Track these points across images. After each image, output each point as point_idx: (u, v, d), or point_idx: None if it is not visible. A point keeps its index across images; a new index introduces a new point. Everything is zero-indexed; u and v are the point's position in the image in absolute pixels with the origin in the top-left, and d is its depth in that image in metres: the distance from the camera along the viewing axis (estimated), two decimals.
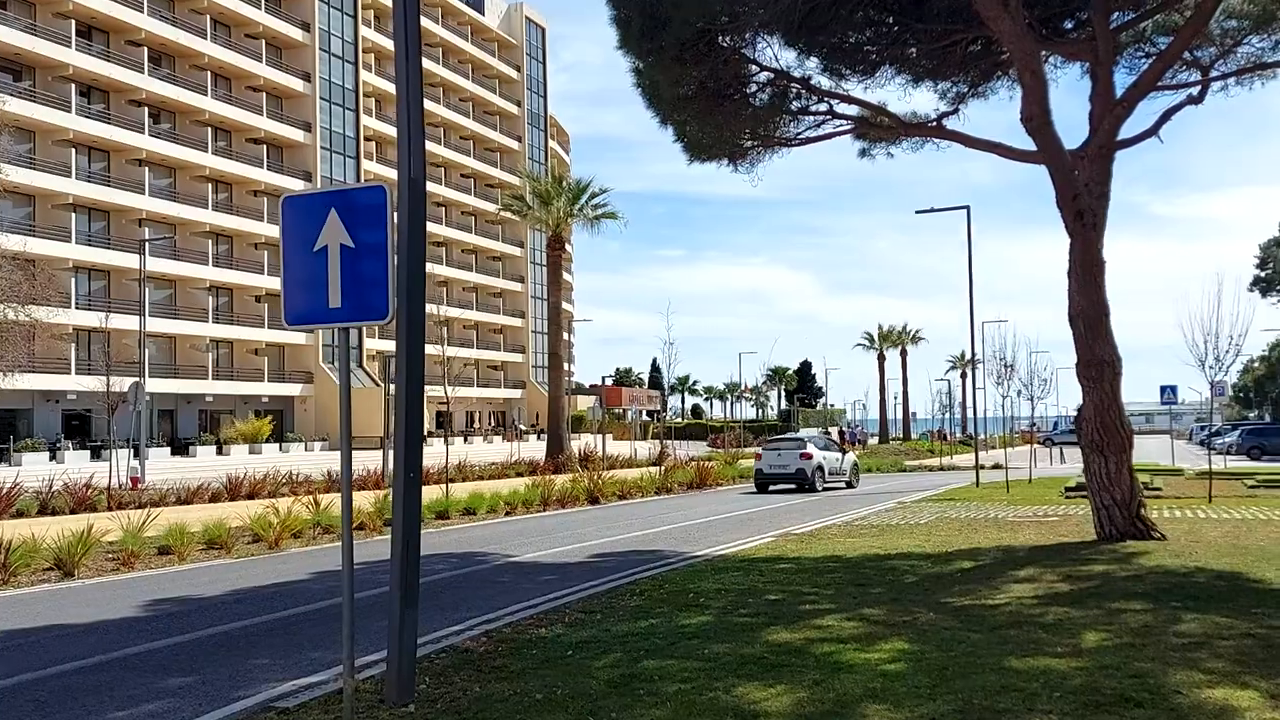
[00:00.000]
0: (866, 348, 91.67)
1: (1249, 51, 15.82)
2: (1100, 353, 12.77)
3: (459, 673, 7.02)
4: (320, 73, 65.53)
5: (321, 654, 7.75)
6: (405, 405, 6.48)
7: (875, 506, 21.52)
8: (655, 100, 14.62)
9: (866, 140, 17.18)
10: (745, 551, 13.60)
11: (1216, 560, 11.00)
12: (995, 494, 24.82)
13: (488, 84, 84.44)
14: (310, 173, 64.65)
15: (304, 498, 19.52)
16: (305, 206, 5.98)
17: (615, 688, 6.48)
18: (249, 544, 15.39)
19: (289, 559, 14.00)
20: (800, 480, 27.14)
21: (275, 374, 62.81)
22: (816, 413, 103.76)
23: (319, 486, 26.78)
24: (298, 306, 5.97)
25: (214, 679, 7.03)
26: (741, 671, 6.77)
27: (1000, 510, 19.34)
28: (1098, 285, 12.87)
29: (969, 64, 16.69)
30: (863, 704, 5.94)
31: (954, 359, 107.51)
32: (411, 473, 6.50)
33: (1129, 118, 13.18)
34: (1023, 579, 10.24)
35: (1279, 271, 69.87)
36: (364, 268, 5.77)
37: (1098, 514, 13.04)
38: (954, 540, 14.00)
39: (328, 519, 17.65)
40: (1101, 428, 12.81)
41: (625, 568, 12.21)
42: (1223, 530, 14.04)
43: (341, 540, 5.95)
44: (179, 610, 9.82)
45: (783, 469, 27.64)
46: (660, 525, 18.02)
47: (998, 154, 14.35)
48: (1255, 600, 8.58)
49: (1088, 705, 5.71)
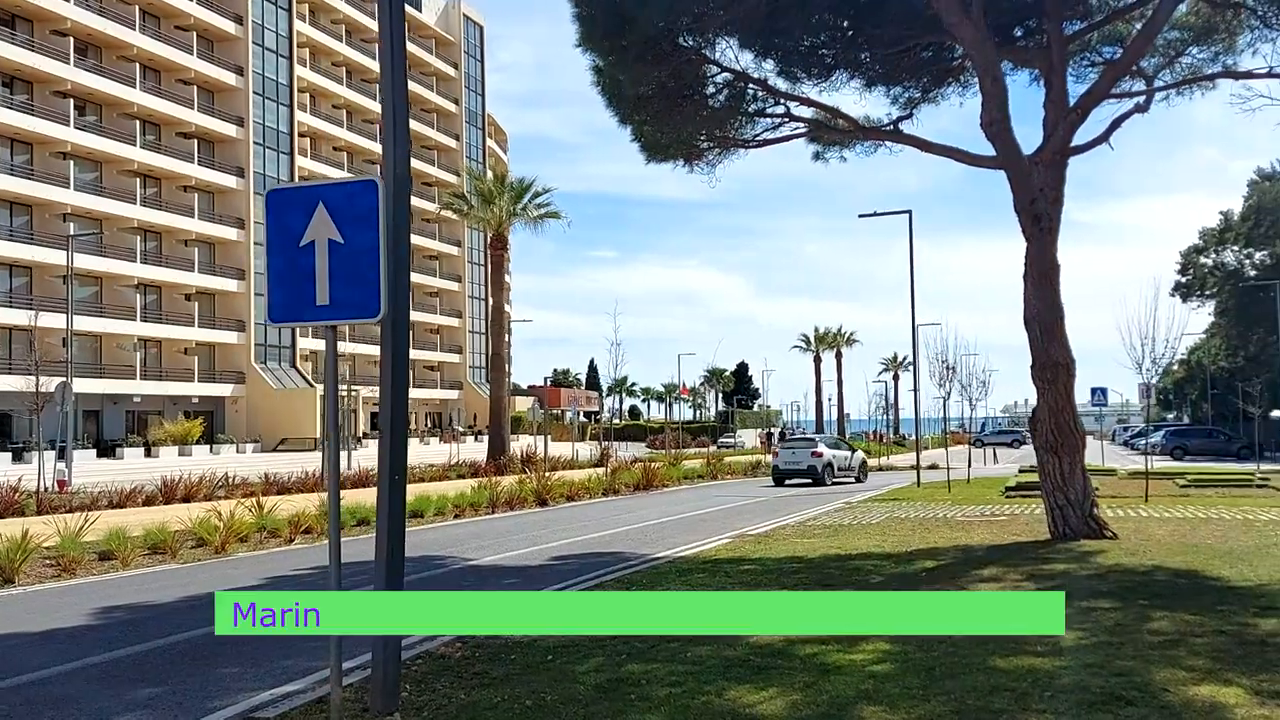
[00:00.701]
0: (803, 349, 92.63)
1: (1189, 62, 16.26)
2: (1056, 355, 13.00)
3: (439, 680, 6.87)
4: (254, 67, 64.26)
5: (293, 661, 7.52)
6: (390, 407, 6.31)
7: (824, 507, 21.67)
8: (616, 99, 14.54)
9: (820, 144, 17.31)
10: (705, 553, 13.57)
11: (1171, 559, 11.25)
12: (938, 494, 25.16)
13: (425, 81, 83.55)
14: (243, 168, 63.37)
15: (247, 501, 19.06)
16: (291, 200, 5.79)
17: (604, 692, 6.38)
18: (193, 548, 14.96)
19: (238, 564, 13.63)
20: (812, 475, 30.51)
21: (205, 374, 61.41)
22: (753, 414, 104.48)
23: (258, 489, 26.23)
24: (282, 303, 5.77)
25: (185, 689, 6.78)
26: (729, 675, 6.72)
27: (946, 510, 19.60)
28: (1053, 288, 13.11)
29: (921, 70, 16.91)
30: (858, 706, 5.93)
31: (886, 361, 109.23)
32: (396, 475, 6.33)
33: (1082, 124, 13.43)
34: (987, 578, 10.35)
35: (1199, 278, 72.09)
36: (353, 264, 5.59)
37: (1052, 514, 13.27)
38: (910, 540, 14.13)
39: (273, 523, 17.24)
40: (1056, 428, 13.04)
41: (588, 570, 12.10)
42: (1169, 529, 14.37)
43: (329, 541, 5.77)
44: (134, 618, 9.48)
45: (796, 465, 31.09)
46: (614, 527, 17.93)
47: (954, 158, 14.53)
48: (1218, 598, 8.77)
49: (1081, 704, 5.76)
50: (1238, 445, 52.21)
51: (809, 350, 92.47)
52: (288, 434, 62.29)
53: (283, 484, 27.63)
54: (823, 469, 30.50)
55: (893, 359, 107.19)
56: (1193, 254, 72.62)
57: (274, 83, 66.17)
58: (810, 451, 31.22)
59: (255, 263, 64.08)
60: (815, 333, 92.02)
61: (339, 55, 73.96)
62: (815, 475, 30.43)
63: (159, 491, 24.33)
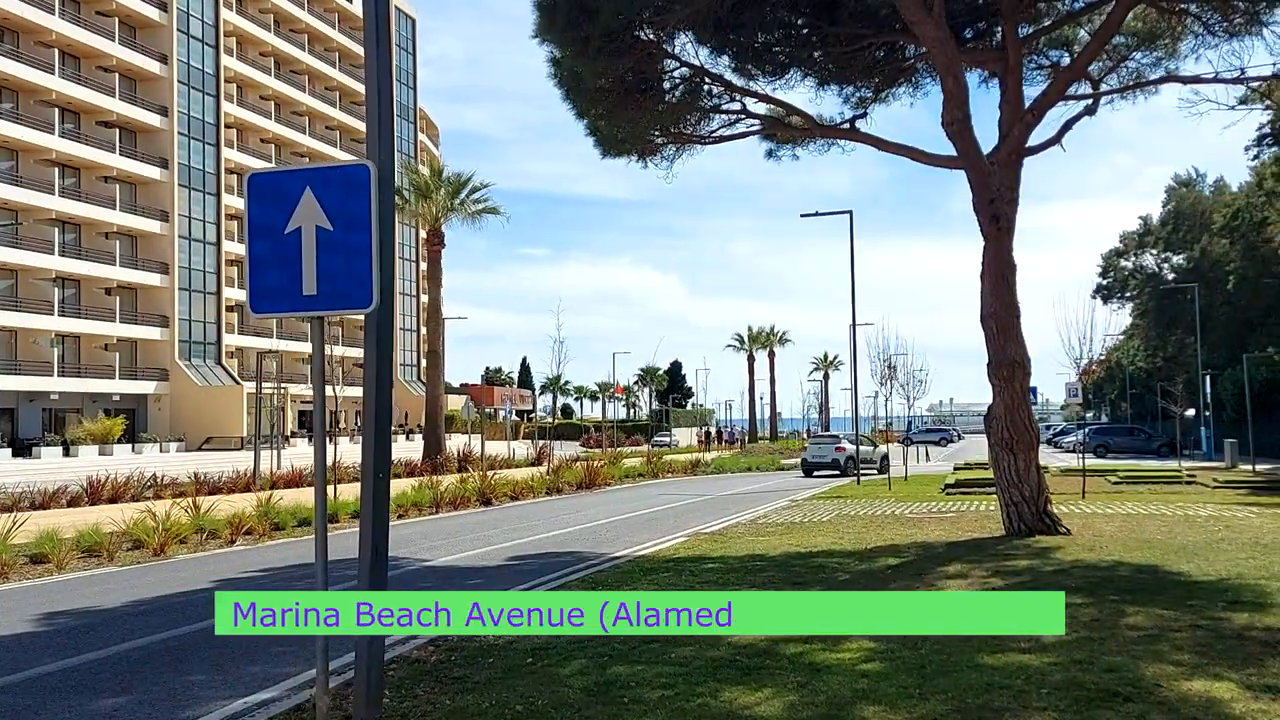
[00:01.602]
0: (737, 348, 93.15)
1: (1133, 67, 16.58)
2: (1012, 353, 13.13)
3: (419, 685, 6.63)
4: (178, 55, 62.50)
5: (261, 668, 7.21)
6: (374, 404, 6.08)
7: (770, 505, 21.71)
8: (574, 92, 14.34)
9: (774, 142, 17.30)
10: (664, 552, 13.45)
11: (1129, 554, 11.42)
12: (879, 491, 25.42)
13: (355, 73, 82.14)
14: (167, 159, 61.65)
15: (182, 502, 18.46)
16: (275, 185, 5.50)
17: (595, 696, 6.21)
18: (130, 550, 14.42)
19: (181, 566, 13.14)
20: (836, 466, 34.07)
21: (127, 371, 59.55)
22: (687, 413, 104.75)
23: (189, 489, 25.48)
24: (266, 294, 5.48)
25: (152, 699, 6.44)
26: (719, 676, 6.60)
27: (892, 507, 19.77)
28: (1010, 288, 13.24)
29: (873, 70, 16.98)
30: (857, 705, 5.84)
31: (817, 360, 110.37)
32: (380, 473, 6.10)
33: (1038, 125, 13.59)
34: (954, 575, 10.38)
35: (1119, 280, 74.15)
36: (344, 253, 5.34)
37: (1006, 510, 13.41)
38: (867, 537, 14.17)
39: (211, 524, 16.71)
40: (1011, 426, 13.18)
41: (549, 570, 11.90)
42: (1116, 525, 14.63)
43: (315, 541, 5.51)
44: (81, 624, 9.03)
45: (823, 458, 34.98)
46: (566, 527, 17.72)
47: (911, 158, 14.60)
48: (1185, 593, 8.89)
49: (1080, 701, 5.74)
50: (1157, 443, 53.73)
51: (742, 349, 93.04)
52: (213, 433, 60.74)
53: (214, 484, 26.91)
54: (845, 461, 33.48)
55: (823, 358, 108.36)
56: (1113, 257, 74.71)
57: (200, 72, 64.43)
58: (834, 447, 34.96)
59: (179, 256, 62.40)
60: (749, 332, 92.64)
61: (267, 45, 72.31)
62: (839, 467, 33.75)
63: (84, 492, 23.45)
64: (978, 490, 24.05)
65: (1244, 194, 50.53)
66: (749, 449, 61.79)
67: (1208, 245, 58.29)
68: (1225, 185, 65.78)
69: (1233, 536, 13.03)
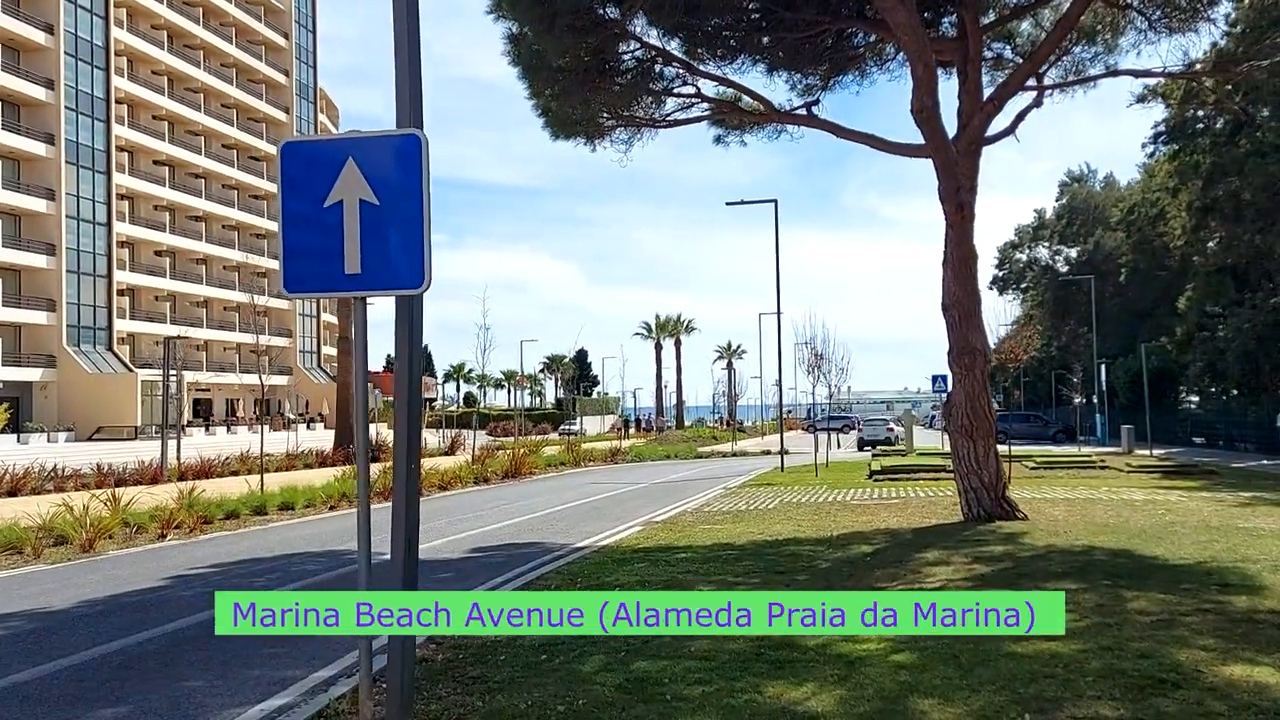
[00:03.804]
0: (645, 336, 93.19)
1: (1071, 61, 16.90)
2: (974, 341, 13.24)
3: (438, 686, 6.30)
4: (65, 25, 59.40)
5: (261, 671, 6.74)
6: (407, 395, 5.72)
7: (707, 493, 21.67)
8: (531, 70, 13.94)
9: (725, 127, 17.16)
10: (626, 541, 13.21)
11: (1094, 538, 11.61)
12: (806, 478, 25.59)
13: (253, 50, 79.44)
14: (53, 135, 58.62)
15: (99, 494, 17.48)
16: (314, 155, 5.06)
17: (632, 694, 5.96)
18: (54, 547, 13.57)
19: (118, 563, 12.38)
20: (886, 442, 44.91)
21: (11, 357, 56.50)
22: (594, 401, 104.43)
23: (91, 480, 24.32)
24: (303, 272, 5.04)
25: (154, 708, 5.94)
26: (752, 670, 6.40)
27: (828, 494, 19.87)
28: (972, 275, 13.35)
29: (822, 58, 16.95)
30: (910, 698, 5.71)
31: (721, 349, 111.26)
32: (412, 463, 5.74)
33: (997, 115, 13.73)
34: (934, 562, 10.39)
35: (1015, 272, 76.56)
36: (392, 228, 4.94)
37: (965, 495, 13.54)
38: (825, 525, 14.14)
39: (136, 517, 15.86)
40: (971, 413, 13.30)
41: (517, 563, 11.55)
42: (1062, 510, 14.90)
43: (358, 540, 5.13)
44: (38, 628, 8.35)
45: (876, 436, 48.10)
46: (512, 517, 17.33)
47: (872, 145, 14.60)
48: (1171, 577, 9.03)
49: (1131, 689, 5.71)
50: (1054, 430, 55.52)
51: (650, 337, 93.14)
52: (104, 422, 58.12)
53: (119, 475, 25.70)
54: (895, 439, 44.85)
55: (727, 347, 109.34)
56: (1009, 249, 77.08)
57: (88, 44, 61.33)
58: (885, 427, 49.98)
59: (67, 237, 59.42)
60: (656, 320, 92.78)
61: (160, 18, 69.27)
62: (888, 442, 44.63)
63: None
64: (904, 476, 24.43)
65: (1139, 189, 52.54)
66: (664, 437, 61.91)
67: (1101, 239, 60.52)
68: (1115, 181, 68.44)
69: (1179, 520, 13.39)
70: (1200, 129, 38.56)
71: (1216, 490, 18.93)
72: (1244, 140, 35.06)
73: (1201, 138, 38.20)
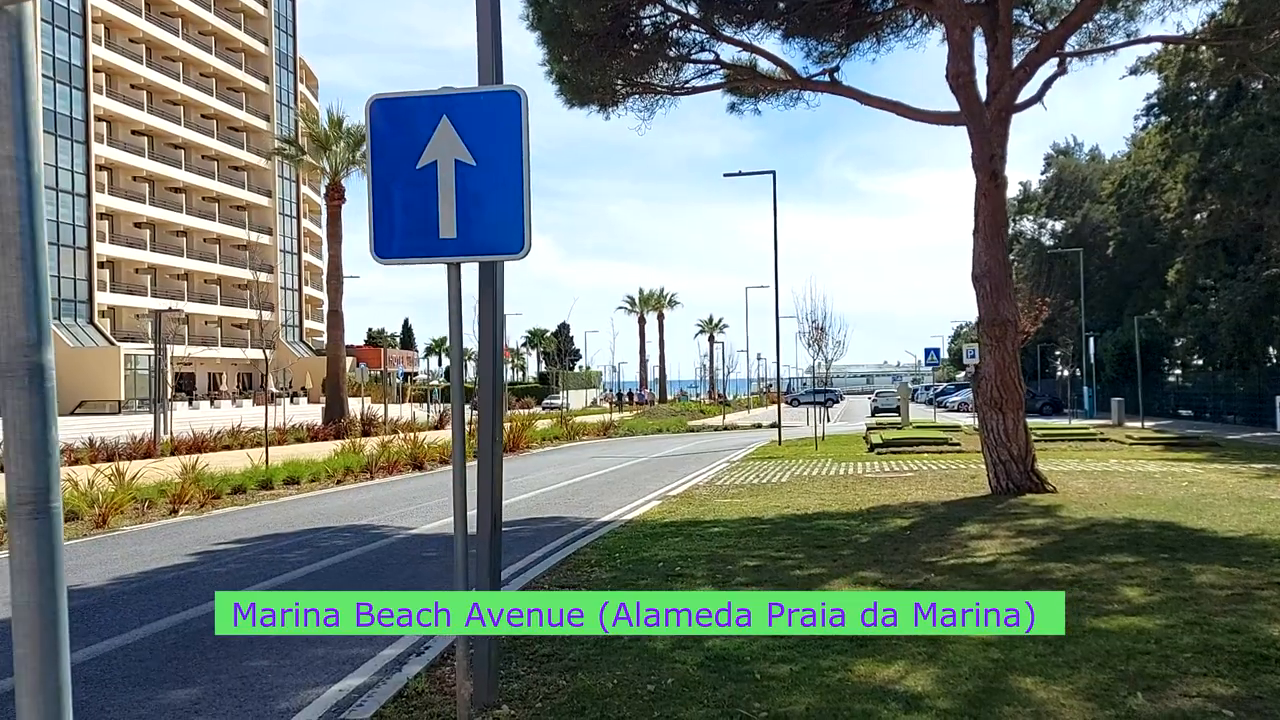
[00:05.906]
0: (628, 310, 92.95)
1: (1094, 28, 16.68)
2: (1005, 312, 13.08)
3: (512, 664, 6.09)
4: None
5: (324, 650, 6.51)
6: (491, 369, 5.53)
7: (713, 466, 21.56)
8: (553, 36, 13.60)
9: (742, 94, 16.88)
10: (650, 515, 13.03)
11: (1131, 511, 11.51)
12: (806, 451, 25.55)
13: (233, 18, 78.12)
14: None
15: (103, 468, 17.21)
16: (405, 112, 4.76)
17: (718, 674, 5.77)
18: (66, 523, 13.22)
19: (139, 538, 12.11)
20: (895, 411, 46.59)
21: None
22: (575, 375, 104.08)
23: (84, 455, 24.03)
24: (393, 237, 4.76)
25: (226, 689, 5.70)
26: (833, 648, 6.23)
27: (835, 466, 19.78)
28: (1003, 245, 13.17)
29: (838, 24, 16.68)
30: (1010, 676, 5.56)
31: (703, 323, 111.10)
32: (496, 439, 5.53)
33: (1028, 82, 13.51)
34: (978, 536, 10.25)
35: None
36: (489, 190, 4.67)
37: (994, 468, 13.41)
38: (848, 499, 14.00)
39: (145, 493, 15.57)
40: (1001, 385, 13.15)
41: (548, 537, 11.36)
42: (1086, 482, 14.84)
43: (454, 535, 4.89)
44: (81, 606, 8.08)
45: (888, 405, 53.61)
46: (526, 491, 17.11)
47: (897, 113, 14.35)
48: (1228, 549, 8.93)
49: (1235, 665, 5.59)
50: (1041, 402, 55.70)
51: (634, 311, 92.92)
52: (86, 396, 57.38)
53: (112, 450, 25.37)
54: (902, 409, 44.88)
55: (709, 321, 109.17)
56: None
57: (64, 10, 60.04)
58: (896, 398, 47.94)
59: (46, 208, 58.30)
60: (640, 294, 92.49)
61: None
62: (896, 411, 45.19)
63: None
64: (906, 450, 24.36)
65: (1129, 162, 52.52)
66: (653, 411, 61.79)
67: (1089, 212, 60.55)
68: (1101, 155, 68.44)
69: (1207, 492, 13.33)
70: (1193, 101, 38.52)
71: (1227, 462, 18.95)
72: (1238, 113, 35.04)
73: (1195, 110, 38.15)
